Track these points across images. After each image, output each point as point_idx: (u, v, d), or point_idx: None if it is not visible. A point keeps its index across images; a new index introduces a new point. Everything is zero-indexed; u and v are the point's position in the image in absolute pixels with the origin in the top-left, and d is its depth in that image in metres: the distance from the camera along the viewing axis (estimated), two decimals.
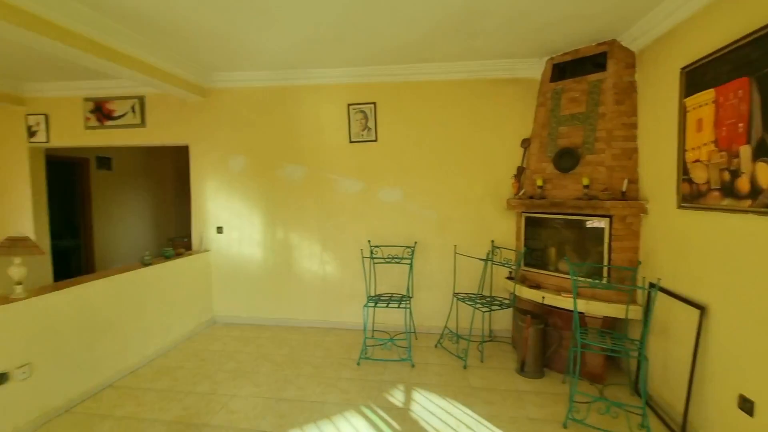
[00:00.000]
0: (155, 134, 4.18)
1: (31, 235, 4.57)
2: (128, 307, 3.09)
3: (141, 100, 4.16)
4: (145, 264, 3.34)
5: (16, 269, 2.30)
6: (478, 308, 3.28)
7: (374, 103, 3.87)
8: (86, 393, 2.69)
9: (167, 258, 3.65)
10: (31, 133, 4.38)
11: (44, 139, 4.37)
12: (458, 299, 3.50)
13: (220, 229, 4.19)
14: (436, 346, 3.60)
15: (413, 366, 3.19)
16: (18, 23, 2.20)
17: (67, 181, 5.93)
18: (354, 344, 3.64)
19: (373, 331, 3.82)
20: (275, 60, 3.55)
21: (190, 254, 3.96)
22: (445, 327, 3.70)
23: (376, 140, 3.90)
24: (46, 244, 4.75)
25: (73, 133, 4.34)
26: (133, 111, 4.17)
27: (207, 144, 4.12)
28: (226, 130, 4.09)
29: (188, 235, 8.16)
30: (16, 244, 2.28)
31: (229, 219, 4.17)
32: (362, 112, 3.88)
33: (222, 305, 4.25)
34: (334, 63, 3.64)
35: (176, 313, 3.65)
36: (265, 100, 4.02)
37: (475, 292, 3.70)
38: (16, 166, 4.42)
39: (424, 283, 3.91)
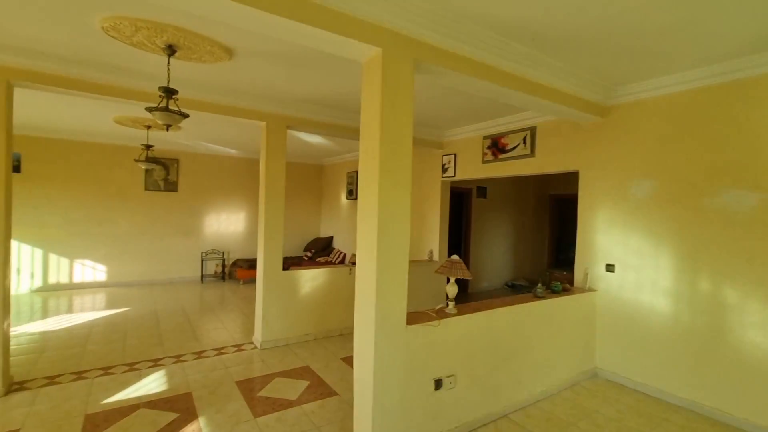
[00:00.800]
0: (544, 163, 4.14)
1: (437, 250, 5.71)
2: (522, 339, 3.02)
3: (532, 131, 4.25)
4: (538, 297, 3.22)
5: (451, 288, 2.64)
6: None
7: None
8: (487, 417, 2.77)
9: (555, 293, 3.41)
10: (444, 170, 5.48)
11: (452, 174, 5.35)
12: None
13: (610, 267, 3.56)
14: None
15: None
16: (474, 74, 2.52)
17: (457, 208, 7.14)
18: None
19: None
20: (723, 47, 2.58)
21: (573, 292, 3.56)
22: None
23: None
24: (443, 259, 5.81)
25: (473, 168, 5.04)
26: (524, 142, 4.32)
27: (601, 169, 3.63)
28: (627, 151, 3.45)
29: (543, 267, 8.02)
30: (454, 266, 2.62)
31: (623, 256, 3.47)
32: None
33: (606, 358, 3.58)
34: None
35: (559, 354, 3.32)
36: (690, 106, 3.07)
37: None
38: (432, 196, 5.66)
39: None
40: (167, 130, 2.71)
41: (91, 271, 6.70)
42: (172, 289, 6.77)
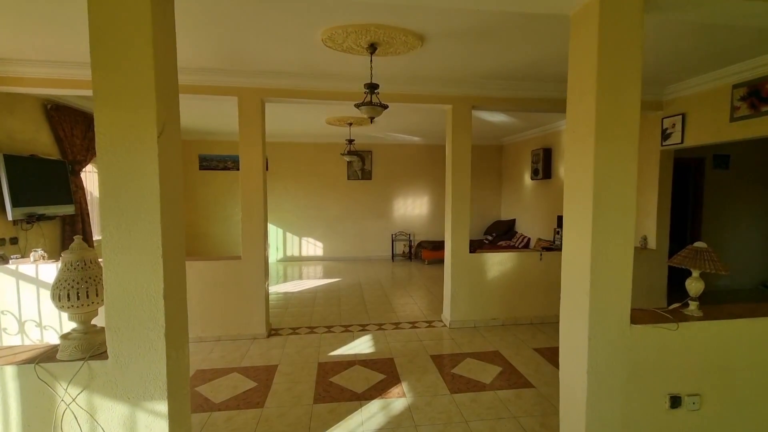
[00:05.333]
0: None
1: (653, 236, 4.67)
2: None
3: None
4: None
5: (695, 283, 2.06)
6: None
7: None
8: None
9: None
10: (665, 136, 4.38)
11: (678, 141, 4.22)
12: None
13: None
14: None
15: None
16: None
17: (680, 183, 5.65)
18: None
19: None
20: None
21: None
22: None
23: None
24: (664, 249, 4.70)
25: (713, 129, 3.84)
26: None
27: None
28: None
29: None
30: (700, 256, 2.04)
31: None
32: None
33: None
34: None
35: None
36: None
37: None
38: (647, 170, 4.62)
39: None
40: (371, 122, 3.04)
41: (313, 247, 8.32)
42: (370, 265, 7.75)
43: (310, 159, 8.14)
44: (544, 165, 6.70)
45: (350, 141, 6.30)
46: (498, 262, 4.31)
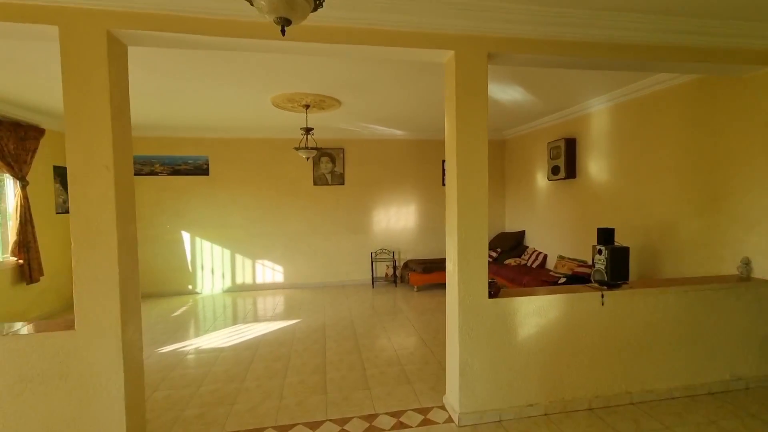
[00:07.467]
0: None
1: (763, 260, 3.08)
2: None
3: None
4: None
5: None
6: None
7: None
8: None
9: None
10: None
11: None
12: None
13: None
14: None
15: None
16: None
17: None
18: None
19: None
20: None
21: None
22: None
23: None
24: None
25: None
26: None
27: None
28: None
29: None
30: None
31: None
32: None
33: None
34: None
35: None
36: None
37: None
38: (748, 148, 3.05)
39: None
40: (283, 33, 1.36)
41: (270, 272, 6.52)
42: (343, 295, 6.00)
43: (263, 159, 6.38)
44: (567, 160, 5.12)
45: (308, 130, 4.60)
46: (535, 311, 2.63)
